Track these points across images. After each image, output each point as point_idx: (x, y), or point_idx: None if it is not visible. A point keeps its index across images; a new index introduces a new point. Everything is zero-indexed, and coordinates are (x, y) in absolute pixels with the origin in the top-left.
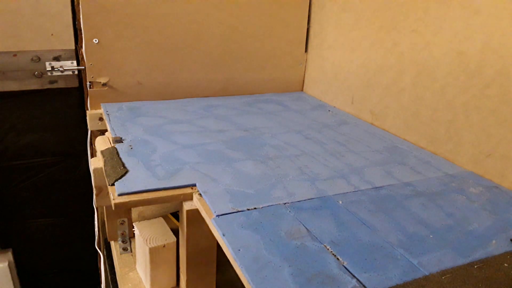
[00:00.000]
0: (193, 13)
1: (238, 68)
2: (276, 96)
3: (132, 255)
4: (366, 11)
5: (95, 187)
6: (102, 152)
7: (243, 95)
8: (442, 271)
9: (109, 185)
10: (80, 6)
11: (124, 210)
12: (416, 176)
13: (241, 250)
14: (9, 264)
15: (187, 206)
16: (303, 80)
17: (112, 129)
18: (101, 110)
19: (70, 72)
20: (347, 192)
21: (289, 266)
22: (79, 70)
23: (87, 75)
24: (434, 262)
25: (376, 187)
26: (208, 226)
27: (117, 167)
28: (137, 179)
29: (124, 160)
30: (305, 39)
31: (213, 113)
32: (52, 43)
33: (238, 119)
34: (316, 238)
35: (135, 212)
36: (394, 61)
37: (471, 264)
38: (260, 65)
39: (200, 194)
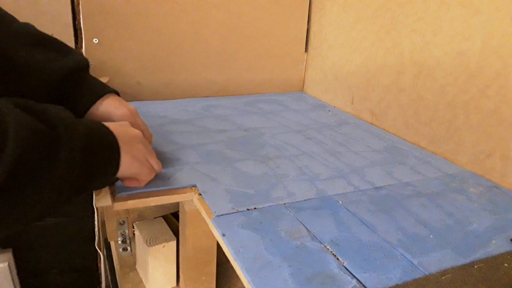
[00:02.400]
0: (193, 13)
1: (238, 68)
2: (276, 96)
3: (132, 255)
4: (366, 11)
5: None
6: None
7: (243, 95)
8: (442, 271)
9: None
10: (80, 6)
11: (124, 210)
12: (416, 176)
13: (241, 250)
14: (9, 264)
15: (187, 206)
16: (303, 80)
17: None
18: None
19: None
20: (347, 192)
21: (289, 266)
22: None
23: None
24: (434, 262)
25: (376, 187)
26: (208, 226)
27: None
28: None
29: None
30: (305, 39)
31: (213, 113)
32: None
33: (238, 119)
34: (316, 238)
35: (135, 212)
36: (394, 61)
37: (471, 264)
38: (260, 65)
39: (200, 194)
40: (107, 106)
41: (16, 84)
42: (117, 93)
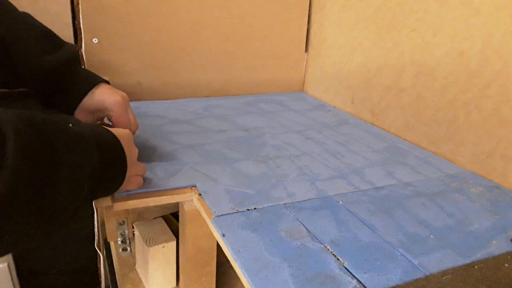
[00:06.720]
0: (193, 13)
1: (238, 68)
2: (276, 96)
3: (132, 255)
4: (366, 11)
5: None
6: None
7: (243, 95)
8: (443, 271)
9: None
10: (80, 6)
11: (124, 210)
12: (416, 176)
13: (241, 250)
14: (8, 264)
15: (187, 206)
16: (303, 80)
17: None
18: None
19: None
20: (347, 192)
21: (289, 266)
22: None
23: None
24: (434, 262)
25: (376, 187)
26: (208, 226)
27: None
28: None
29: None
30: (305, 39)
31: (213, 113)
32: None
33: (238, 119)
34: (316, 238)
35: (135, 212)
36: (394, 61)
37: (471, 265)
38: (260, 65)
39: (200, 194)
40: (101, 94)
41: (10, 73)
42: (108, 83)
